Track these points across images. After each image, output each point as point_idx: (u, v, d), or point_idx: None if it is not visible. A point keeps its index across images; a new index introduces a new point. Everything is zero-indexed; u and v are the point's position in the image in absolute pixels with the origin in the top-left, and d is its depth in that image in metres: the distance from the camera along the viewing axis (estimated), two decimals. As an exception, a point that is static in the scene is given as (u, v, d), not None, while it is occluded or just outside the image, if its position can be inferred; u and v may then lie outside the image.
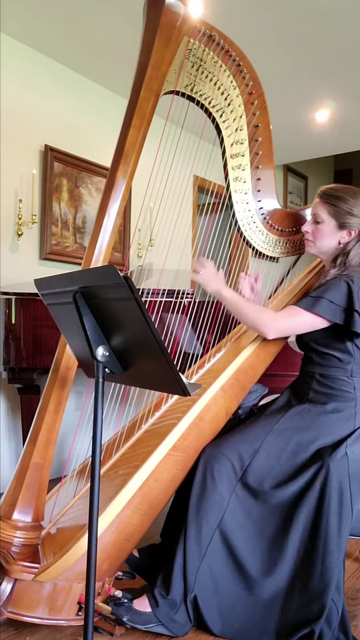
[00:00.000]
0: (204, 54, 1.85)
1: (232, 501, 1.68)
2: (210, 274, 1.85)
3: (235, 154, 2.00)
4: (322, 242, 1.85)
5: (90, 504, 1.26)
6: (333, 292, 1.70)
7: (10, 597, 1.59)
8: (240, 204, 2.04)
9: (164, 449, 1.72)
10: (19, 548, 1.62)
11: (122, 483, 1.67)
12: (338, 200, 1.80)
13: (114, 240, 1.77)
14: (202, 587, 1.67)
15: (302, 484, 1.64)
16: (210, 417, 1.81)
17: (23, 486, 1.65)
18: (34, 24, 3.06)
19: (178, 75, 1.86)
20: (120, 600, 1.63)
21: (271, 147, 2.02)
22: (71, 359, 1.72)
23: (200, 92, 1.93)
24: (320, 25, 3.05)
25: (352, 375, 1.75)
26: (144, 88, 1.75)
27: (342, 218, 1.80)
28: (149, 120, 1.78)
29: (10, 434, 3.17)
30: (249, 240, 2.07)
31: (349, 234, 1.81)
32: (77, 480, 1.95)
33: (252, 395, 2.00)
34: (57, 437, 1.72)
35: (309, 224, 1.88)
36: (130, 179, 1.76)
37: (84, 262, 1.77)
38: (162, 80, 1.78)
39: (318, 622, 1.57)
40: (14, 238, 3.23)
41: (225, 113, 1.97)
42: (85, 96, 3.67)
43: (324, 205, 1.83)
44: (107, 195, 1.74)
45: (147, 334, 1.17)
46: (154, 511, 1.71)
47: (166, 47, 1.76)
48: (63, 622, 1.60)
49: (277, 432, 1.73)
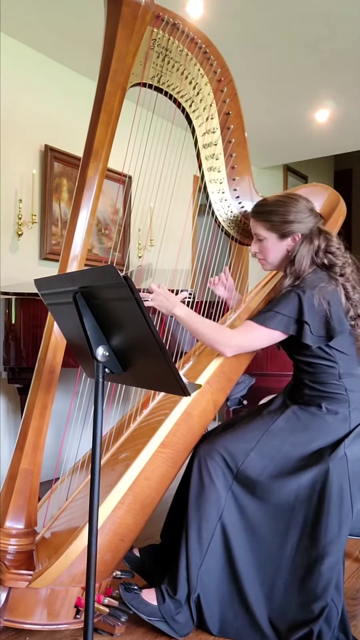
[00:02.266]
0: (168, 43, 1.81)
1: (228, 499, 1.68)
2: (160, 296, 1.80)
3: (207, 144, 1.97)
4: (272, 257, 1.85)
5: (90, 504, 1.25)
6: (284, 305, 1.69)
7: (6, 605, 1.58)
8: (216, 194, 2.01)
9: (153, 446, 1.71)
10: (13, 555, 1.61)
11: (112, 483, 1.67)
12: (269, 215, 1.80)
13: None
14: (205, 586, 1.67)
15: (301, 484, 1.64)
16: (198, 412, 1.80)
17: (13, 493, 1.64)
18: (34, 24, 3.06)
19: (144, 66, 1.83)
20: (130, 585, 1.64)
21: (244, 134, 1.98)
22: (54, 361, 1.70)
23: (168, 82, 1.89)
24: (320, 25, 3.05)
25: (341, 377, 1.75)
26: (110, 82, 1.72)
27: (280, 228, 1.79)
28: (117, 115, 1.74)
29: (10, 434, 3.17)
30: (227, 230, 2.06)
31: (294, 240, 1.80)
32: (69, 482, 1.94)
33: (240, 386, 1.99)
34: (44, 441, 1.70)
35: (255, 245, 1.88)
36: (101, 177, 1.73)
37: (60, 262, 1.73)
38: (127, 73, 1.74)
39: (317, 622, 1.57)
40: (14, 238, 3.23)
41: (194, 102, 1.93)
42: (85, 96, 3.66)
43: (258, 222, 1.83)
44: (80, 194, 1.72)
45: (147, 334, 1.17)
46: (147, 510, 1.71)
47: (129, 39, 1.72)
48: (62, 627, 1.60)
49: (272, 433, 1.73)
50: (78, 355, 1.47)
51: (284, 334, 1.72)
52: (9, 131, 3.19)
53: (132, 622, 1.68)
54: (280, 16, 2.97)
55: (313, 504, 1.63)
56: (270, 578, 1.66)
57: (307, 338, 1.67)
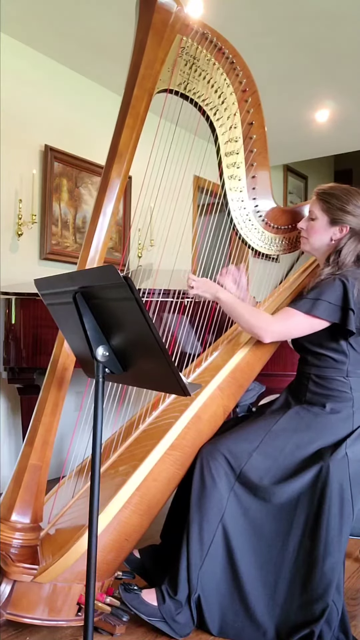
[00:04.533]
0: (197, 52, 1.85)
1: (230, 500, 1.68)
2: (202, 283, 1.87)
3: (229, 152, 2.00)
4: (315, 238, 1.87)
5: (90, 504, 1.26)
6: (330, 293, 1.71)
7: (10, 598, 1.59)
8: (235, 202, 2.04)
9: (162, 448, 1.72)
10: (17, 549, 1.62)
11: (120, 483, 1.67)
12: (331, 197, 1.83)
13: (111, 240, 1.77)
14: (205, 586, 1.67)
15: (302, 484, 1.64)
16: (208, 415, 1.81)
17: (21, 488, 1.65)
18: (34, 24, 3.06)
19: (171, 73, 1.85)
20: (130, 586, 1.64)
21: (266, 144, 2.02)
22: (68, 359, 1.72)
23: (194, 90, 1.92)
24: (320, 25, 3.05)
25: (348, 375, 1.75)
26: (137, 87, 1.75)
27: (334, 214, 1.82)
28: (143, 120, 1.77)
29: (10, 434, 3.17)
30: (244, 238, 2.07)
31: (341, 231, 1.82)
32: (76, 480, 1.95)
33: (250, 393, 2.00)
34: (54, 438, 1.71)
35: (305, 221, 1.91)
36: (124, 179, 1.76)
37: (79, 262, 1.76)
38: (155, 79, 1.77)
39: (318, 623, 1.57)
40: (14, 238, 3.23)
41: (219, 111, 1.96)
42: (85, 96, 3.67)
43: (318, 202, 1.86)
44: (102, 195, 1.74)
45: (147, 334, 1.17)
46: (153, 511, 1.71)
47: (159, 46, 1.75)
48: (63, 623, 1.60)
49: (275, 433, 1.73)
50: (78, 355, 1.47)
51: (326, 322, 1.72)
52: (9, 131, 3.19)
53: (132, 622, 1.68)
54: (280, 16, 2.97)
55: (314, 504, 1.63)
56: (273, 579, 1.66)
57: (352, 324, 1.68)
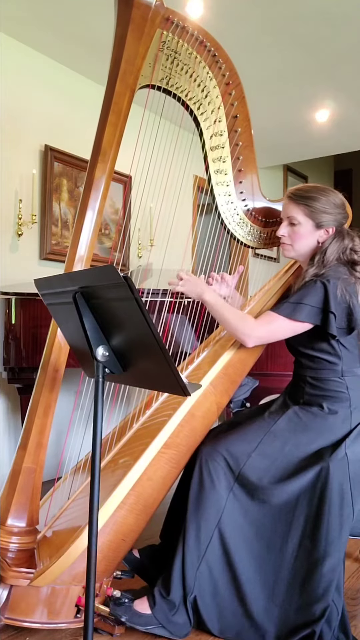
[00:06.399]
0: (178, 46, 1.82)
1: (229, 501, 1.68)
2: (189, 281, 1.82)
3: (215, 146, 1.98)
4: (300, 244, 1.84)
5: (90, 504, 1.25)
6: (311, 296, 1.69)
7: (7, 603, 1.58)
8: (222, 196, 2.02)
9: (156, 447, 1.71)
10: (14, 553, 1.61)
11: (115, 483, 1.67)
12: (311, 201, 1.79)
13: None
14: (202, 587, 1.66)
15: (301, 485, 1.64)
16: (201, 413, 1.80)
17: (16, 491, 1.64)
18: (34, 24, 3.06)
19: (153, 68, 1.83)
20: (119, 600, 1.62)
21: (251, 137, 1.99)
22: (59, 360, 1.70)
23: (176, 84, 1.90)
24: (320, 25, 3.05)
25: (343, 375, 1.75)
26: (119, 83, 1.72)
27: (319, 217, 1.79)
28: (126, 116, 1.75)
29: (10, 434, 3.17)
30: (233, 233, 2.06)
31: (327, 233, 1.80)
32: (72, 481, 1.94)
33: (243, 388, 1.99)
34: (47, 440, 1.70)
35: (285, 227, 1.85)
36: (109, 177, 1.74)
37: (66, 262, 1.74)
38: (137, 75, 1.75)
39: (319, 624, 1.57)
40: (14, 238, 3.23)
41: (202, 105, 1.94)
42: (86, 96, 3.67)
43: (297, 206, 1.80)
44: (87, 194, 1.72)
45: (147, 334, 1.17)
46: (149, 510, 1.71)
47: (139, 41, 1.73)
48: (62, 625, 1.60)
49: (274, 433, 1.73)
50: (78, 355, 1.47)
51: (308, 324, 1.71)
52: (9, 131, 3.19)
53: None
54: (280, 16, 2.97)
55: (314, 505, 1.63)
56: (272, 579, 1.66)
57: (333, 328, 1.67)
